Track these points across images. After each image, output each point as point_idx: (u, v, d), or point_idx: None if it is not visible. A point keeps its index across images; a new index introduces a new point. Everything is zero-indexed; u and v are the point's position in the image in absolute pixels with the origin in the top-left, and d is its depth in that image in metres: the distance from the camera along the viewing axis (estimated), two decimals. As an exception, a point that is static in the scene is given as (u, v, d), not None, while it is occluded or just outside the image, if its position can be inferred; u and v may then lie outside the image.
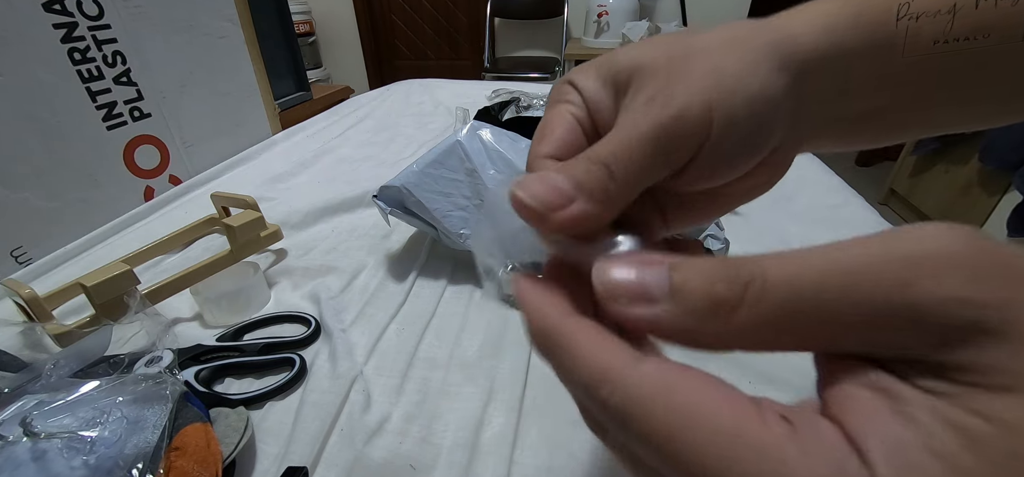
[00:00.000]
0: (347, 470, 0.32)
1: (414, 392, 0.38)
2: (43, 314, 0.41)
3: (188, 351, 0.39)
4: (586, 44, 2.23)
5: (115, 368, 0.34)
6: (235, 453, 0.30)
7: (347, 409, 0.36)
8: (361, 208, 0.64)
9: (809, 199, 0.65)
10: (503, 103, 0.70)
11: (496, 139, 0.48)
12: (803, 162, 0.76)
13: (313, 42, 2.60)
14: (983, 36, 0.19)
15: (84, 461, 0.26)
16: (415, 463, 0.32)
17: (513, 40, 2.73)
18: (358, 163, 0.80)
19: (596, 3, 2.16)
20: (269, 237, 0.52)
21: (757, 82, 0.17)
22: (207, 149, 0.77)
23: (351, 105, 1.09)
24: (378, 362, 0.40)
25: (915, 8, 0.19)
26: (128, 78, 0.64)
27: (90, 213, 0.61)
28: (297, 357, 0.39)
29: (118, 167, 0.65)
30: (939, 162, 1.75)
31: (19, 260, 0.55)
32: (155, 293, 0.43)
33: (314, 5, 2.64)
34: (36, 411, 0.28)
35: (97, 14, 0.59)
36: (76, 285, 0.43)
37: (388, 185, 0.48)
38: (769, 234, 0.56)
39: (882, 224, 0.59)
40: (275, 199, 0.65)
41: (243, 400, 0.36)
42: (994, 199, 1.49)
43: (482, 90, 1.13)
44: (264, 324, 0.44)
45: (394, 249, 0.55)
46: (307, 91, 1.56)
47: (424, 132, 0.92)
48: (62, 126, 0.58)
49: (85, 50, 0.59)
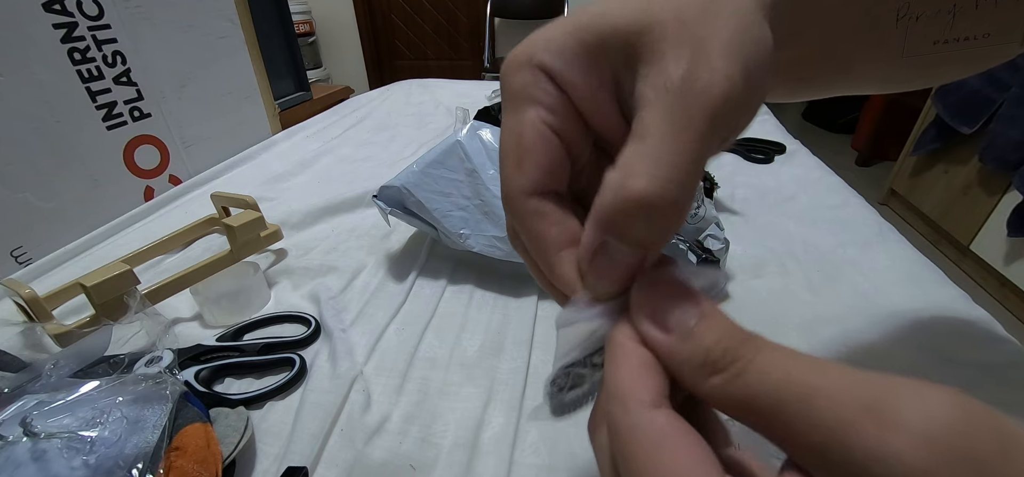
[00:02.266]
0: (347, 470, 0.32)
1: (414, 392, 0.38)
2: (43, 314, 0.41)
3: (188, 351, 0.39)
4: (586, 44, 2.23)
5: (115, 368, 0.34)
6: (235, 453, 0.30)
7: (347, 409, 0.36)
8: (361, 208, 0.64)
9: (809, 199, 0.65)
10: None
11: (496, 139, 0.48)
12: (803, 162, 0.76)
13: (313, 42, 2.60)
14: (983, 36, 0.19)
15: (84, 461, 0.26)
16: (415, 463, 0.32)
17: (513, 40, 2.71)
18: (358, 163, 0.80)
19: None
20: (269, 237, 0.52)
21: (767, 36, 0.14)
22: (207, 149, 0.77)
23: (351, 105, 1.09)
24: (378, 362, 0.40)
25: (915, 8, 0.18)
26: (128, 78, 0.64)
27: (90, 213, 0.61)
28: (297, 357, 0.39)
29: (118, 167, 0.65)
30: (939, 162, 1.75)
31: (19, 260, 0.55)
32: (155, 293, 0.43)
33: (314, 5, 2.64)
34: (36, 411, 0.28)
35: (97, 14, 0.59)
36: (76, 285, 0.43)
37: (388, 185, 0.48)
38: (769, 234, 0.56)
39: (882, 224, 0.59)
40: (275, 199, 0.65)
41: (243, 400, 0.36)
42: (994, 199, 1.49)
43: (482, 90, 1.13)
44: (264, 324, 0.44)
45: (394, 249, 0.55)
46: (307, 91, 1.56)
47: (424, 132, 0.92)
48: (62, 126, 0.58)
49: (85, 50, 0.59)
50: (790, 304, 0.46)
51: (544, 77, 0.15)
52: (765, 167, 0.76)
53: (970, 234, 1.58)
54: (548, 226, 0.16)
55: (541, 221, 0.16)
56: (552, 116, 0.15)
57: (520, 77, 0.15)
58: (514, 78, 0.15)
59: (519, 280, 0.48)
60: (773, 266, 0.51)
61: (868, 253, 0.53)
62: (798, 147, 0.82)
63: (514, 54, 0.16)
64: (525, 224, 0.16)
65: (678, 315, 0.13)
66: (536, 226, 0.16)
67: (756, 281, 0.49)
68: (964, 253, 1.63)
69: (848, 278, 0.49)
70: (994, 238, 1.49)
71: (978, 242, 1.56)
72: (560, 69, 0.15)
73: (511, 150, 0.16)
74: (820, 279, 0.49)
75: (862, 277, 0.49)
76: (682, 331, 0.13)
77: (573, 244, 0.16)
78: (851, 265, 0.50)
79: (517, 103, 0.15)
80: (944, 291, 0.47)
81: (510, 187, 0.16)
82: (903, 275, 0.49)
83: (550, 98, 0.15)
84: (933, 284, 0.48)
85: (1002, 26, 0.19)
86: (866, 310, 0.44)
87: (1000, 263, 1.48)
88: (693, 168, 0.13)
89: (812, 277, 0.49)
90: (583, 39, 0.15)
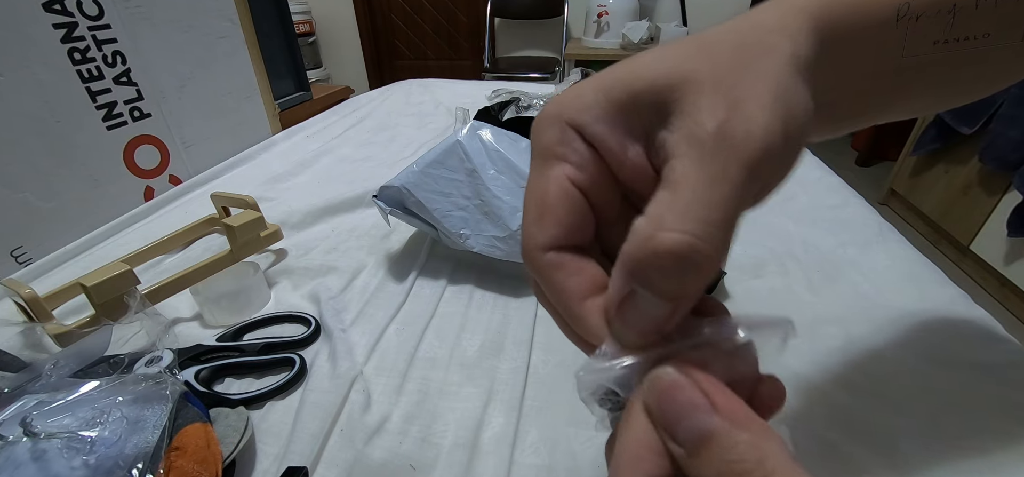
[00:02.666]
0: (347, 470, 0.32)
1: (414, 392, 0.38)
2: (43, 314, 0.41)
3: (188, 351, 0.39)
4: (586, 44, 2.23)
5: (115, 368, 0.34)
6: (235, 453, 0.30)
7: (347, 409, 0.36)
8: (361, 208, 0.64)
9: (809, 199, 0.65)
10: (503, 103, 0.70)
11: (496, 139, 0.48)
12: (803, 162, 0.76)
13: (313, 42, 2.60)
14: (983, 36, 0.19)
15: (84, 461, 0.26)
16: (415, 463, 0.32)
17: (513, 40, 2.73)
18: (358, 163, 0.80)
19: (596, 3, 2.16)
20: (269, 237, 0.52)
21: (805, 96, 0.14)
22: (207, 149, 0.77)
23: (351, 105, 1.09)
24: (378, 362, 0.40)
25: (915, 8, 0.19)
26: (128, 78, 0.64)
27: (90, 213, 0.61)
28: (297, 357, 0.39)
29: (118, 167, 0.65)
30: (939, 162, 1.75)
31: (19, 260, 0.55)
32: (155, 293, 0.43)
33: (314, 5, 2.64)
34: (36, 411, 0.28)
35: (97, 14, 0.59)
36: (76, 285, 0.43)
37: (388, 185, 0.48)
38: (769, 234, 0.56)
39: (882, 224, 0.59)
40: (275, 199, 0.65)
41: (243, 400, 0.36)
42: (994, 199, 1.49)
43: (482, 90, 1.13)
44: (264, 324, 0.44)
45: (394, 249, 0.55)
46: (307, 91, 1.56)
47: (424, 132, 0.92)
48: (62, 126, 0.58)
49: (85, 50, 0.59)
50: (790, 304, 0.46)
51: (573, 133, 0.15)
52: (765, 167, 0.76)
53: (970, 234, 1.58)
54: (567, 276, 0.15)
55: (559, 272, 0.15)
56: (579, 173, 0.15)
57: (549, 134, 0.15)
58: (544, 135, 0.15)
59: (519, 280, 0.48)
60: (773, 266, 0.51)
61: (868, 253, 0.53)
62: (798, 147, 0.82)
63: (545, 111, 0.16)
64: (544, 277, 0.15)
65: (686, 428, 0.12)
66: (555, 278, 0.15)
67: (756, 281, 0.49)
68: (964, 253, 1.63)
69: (848, 278, 0.49)
70: (994, 238, 1.49)
71: (978, 242, 1.56)
72: (589, 124, 0.15)
73: (532, 206, 0.15)
74: (820, 279, 0.49)
75: (862, 277, 0.49)
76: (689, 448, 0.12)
77: (597, 292, 0.15)
78: (851, 265, 0.50)
79: (545, 160, 0.15)
80: (944, 291, 0.47)
81: (528, 243, 0.15)
82: (903, 275, 0.49)
83: (578, 155, 0.15)
84: (933, 284, 0.48)
85: (1002, 26, 0.19)
86: (866, 310, 0.44)
87: (1000, 263, 1.48)
88: (726, 222, 0.12)
89: (812, 277, 0.49)
90: (613, 96, 0.15)
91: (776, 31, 0.15)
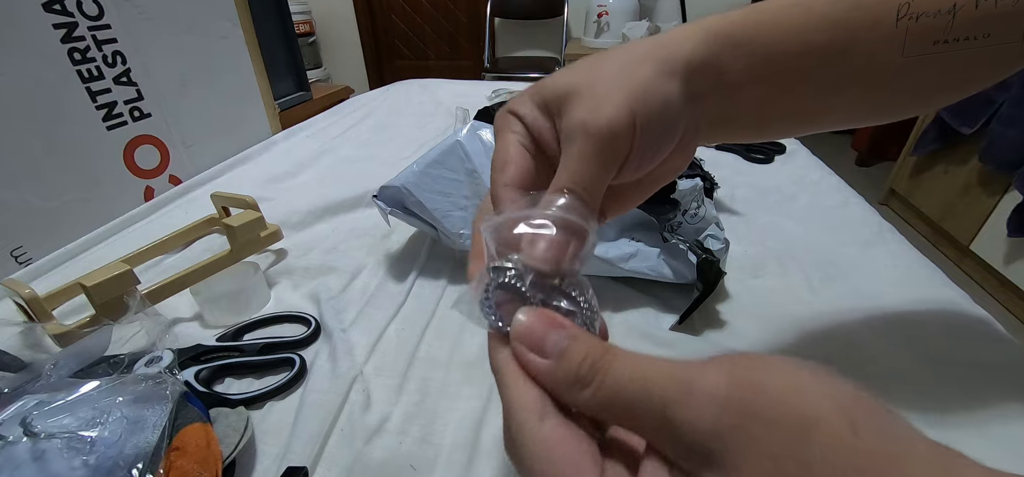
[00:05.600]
0: (347, 470, 0.32)
1: (414, 392, 0.38)
2: (43, 314, 0.41)
3: (188, 351, 0.39)
4: (586, 44, 2.23)
5: (115, 368, 0.34)
6: (235, 453, 0.30)
7: (347, 409, 0.36)
8: (361, 208, 0.64)
9: (809, 199, 0.65)
10: (503, 103, 0.70)
11: (496, 139, 0.48)
12: (803, 162, 0.76)
13: (313, 42, 2.60)
14: (983, 36, 0.19)
15: (84, 461, 0.26)
16: (415, 463, 0.32)
17: (513, 40, 2.73)
18: (358, 163, 0.80)
19: (596, 3, 2.16)
20: (269, 237, 0.52)
21: (661, 90, 0.21)
22: (207, 149, 0.77)
23: (351, 105, 1.09)
24: (378, 362, 0.40)
25: (916, 8, 0.19)
26: (128, 78, 0.64)
27: (90, 213, 0.61)
28: (297, 357, 0.39)
29: (118, 167, 0.65)
30: (939, 162, 1.75)
31: (19, 260, 0.55)
32: (155, 293, 0.43)
33: (314, 5, 2.64)
34: (36, 411, 0.28)
35: (97, 14, 0.59)
36: (76, 285, 0.43)
37: (388, 185, 0.48)
38: (769, 234, 0.56)
39: (882, 224, 0.59)
40: (275, 199, 0.65)
41: (243, 400, 0.36)
42: (994, 199, 1.49)
43: (482, 90, 1.13)
44: (264, 324, 0.44)
45: (394, 249, 0.55)
46: (307, 91, 1.56)
47: (424, 132, 0.92)
48: (62, 126, 0.58)
49: (85, 50, 0.59)
50: (790, 304, 0.46)
51: (516, 119, 0.23)
52: (765, 167, 0.76)
53: (970, 234, 1.58)
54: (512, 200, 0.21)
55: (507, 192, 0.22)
56: (520, 137, 0.23)
57: (504, 118, 0.24)
58: (499, 120, 0.24)
59: (519, 280, 0.48)
60: (773, 266, 0.51)
61: (868, 253, 0.53)
62: (798, 147, 0.82)
63: (501, 108, 0.24)
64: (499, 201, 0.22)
65: (553, 338, 0.16)
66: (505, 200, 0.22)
67: (756, 281, 0.49)
68: (964, 253, 1.63)
69: (848, 278, 0.49)
70: (994, 238, 1.49)
71: (978, 242, 1.56)
72: (525, 113, 0.23)
73: (497, 160, 0.23)
74: (820, 279, 0.49)
75: (862, 277, 0.49)
76: (557, 353, 0.16)
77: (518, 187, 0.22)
78: (851, 265, 0.50)
79: (501, 133, 0.23)
80: (944, 291, 0.46)
81: (495, 182, 0.22)
82: (903, 275, 0.49)
83: (519, 132, 0.23)
84: (933, 284, 0.48)
85: (1002, 26, 0.19)
86: (866, 310, 0.44)
87: (1000, 263, 1.48)
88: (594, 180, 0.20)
89: (812, 277, 0.49)
90: (537, 99, 0.23)
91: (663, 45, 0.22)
